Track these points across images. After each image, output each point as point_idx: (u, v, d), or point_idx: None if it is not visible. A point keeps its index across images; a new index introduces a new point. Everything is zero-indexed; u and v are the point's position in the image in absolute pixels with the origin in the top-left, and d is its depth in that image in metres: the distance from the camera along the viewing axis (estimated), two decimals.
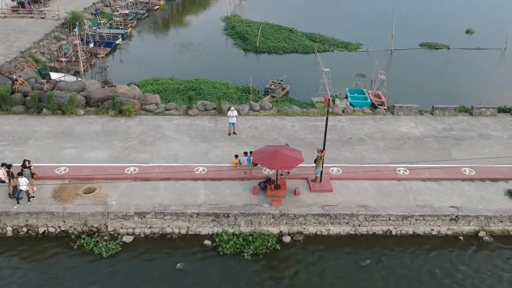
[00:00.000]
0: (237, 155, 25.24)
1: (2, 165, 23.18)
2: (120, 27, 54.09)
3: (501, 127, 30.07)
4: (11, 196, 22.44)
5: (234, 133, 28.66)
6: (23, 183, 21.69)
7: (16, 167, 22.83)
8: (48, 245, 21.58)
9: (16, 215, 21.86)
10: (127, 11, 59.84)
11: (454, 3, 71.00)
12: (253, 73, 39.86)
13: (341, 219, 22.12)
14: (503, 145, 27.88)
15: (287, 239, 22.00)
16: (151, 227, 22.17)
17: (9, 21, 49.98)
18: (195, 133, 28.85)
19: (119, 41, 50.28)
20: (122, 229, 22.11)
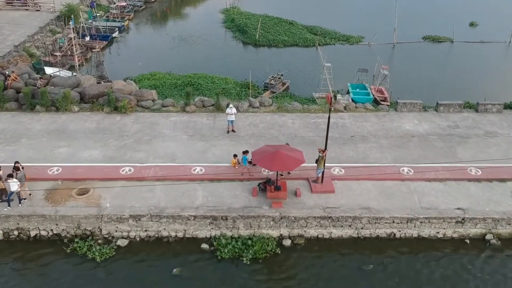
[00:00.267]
0: (235, 155, 24.42)
1: None
2: (117, 20, 52.91)
3: (507, 124, 29.23)
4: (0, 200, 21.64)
5: (233, 131, 27.84)
6: (14, 185, 20.86)
7: (7, 167, 21.98)
8: (40, 249, 20.84)
9: (6, 218, 21.07)
10: (124, 3, 58.52)
11: None
12: (253, 67, 38.87)
13: (343, 221, 21.37)
14: (510, 144, 27.06)
15: (287, 243, 21.27)
16: (146, 230, 21.42)
17: (4, 14, 48.82)
18: (192, 131, 28.02)
19: (116, 34, 49.11)
20: (116, 232, 21.37)
